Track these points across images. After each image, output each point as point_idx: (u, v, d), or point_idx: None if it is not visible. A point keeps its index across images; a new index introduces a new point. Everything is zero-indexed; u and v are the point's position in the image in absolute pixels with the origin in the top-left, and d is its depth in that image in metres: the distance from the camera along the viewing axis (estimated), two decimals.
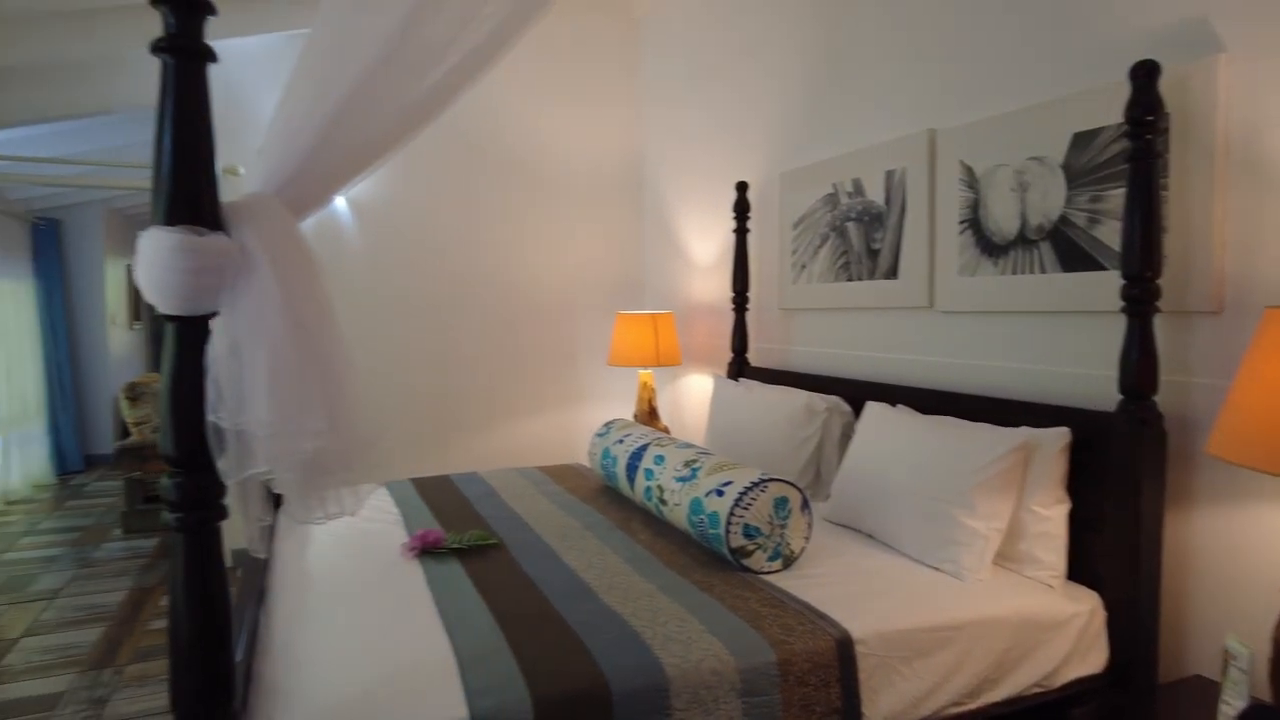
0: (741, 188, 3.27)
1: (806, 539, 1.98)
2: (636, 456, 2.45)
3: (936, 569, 1.93)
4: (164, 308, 1.07)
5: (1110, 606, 1.81)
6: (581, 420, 4.44)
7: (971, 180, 2.29)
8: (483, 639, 1.54)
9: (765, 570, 1.92)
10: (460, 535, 2.14)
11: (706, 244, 3.84)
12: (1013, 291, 2.18)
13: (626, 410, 4.21)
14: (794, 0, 3.14)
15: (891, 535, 2.10)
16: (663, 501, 2.24)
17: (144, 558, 4.33)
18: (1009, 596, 1.80)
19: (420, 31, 1.32)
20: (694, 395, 4.00)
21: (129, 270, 7.54)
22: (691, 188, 4.02)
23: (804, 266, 3.07)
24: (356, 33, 1.29)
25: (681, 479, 2.16)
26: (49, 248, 6.32)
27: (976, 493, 1.88)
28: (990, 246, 2.24)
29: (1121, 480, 1.77)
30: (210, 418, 1.07)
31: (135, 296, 7.83)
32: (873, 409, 2.40)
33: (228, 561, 3.79)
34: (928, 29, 2.48)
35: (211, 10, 1.11)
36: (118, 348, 7.15)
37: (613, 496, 2.66)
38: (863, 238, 2.74)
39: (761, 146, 3.38)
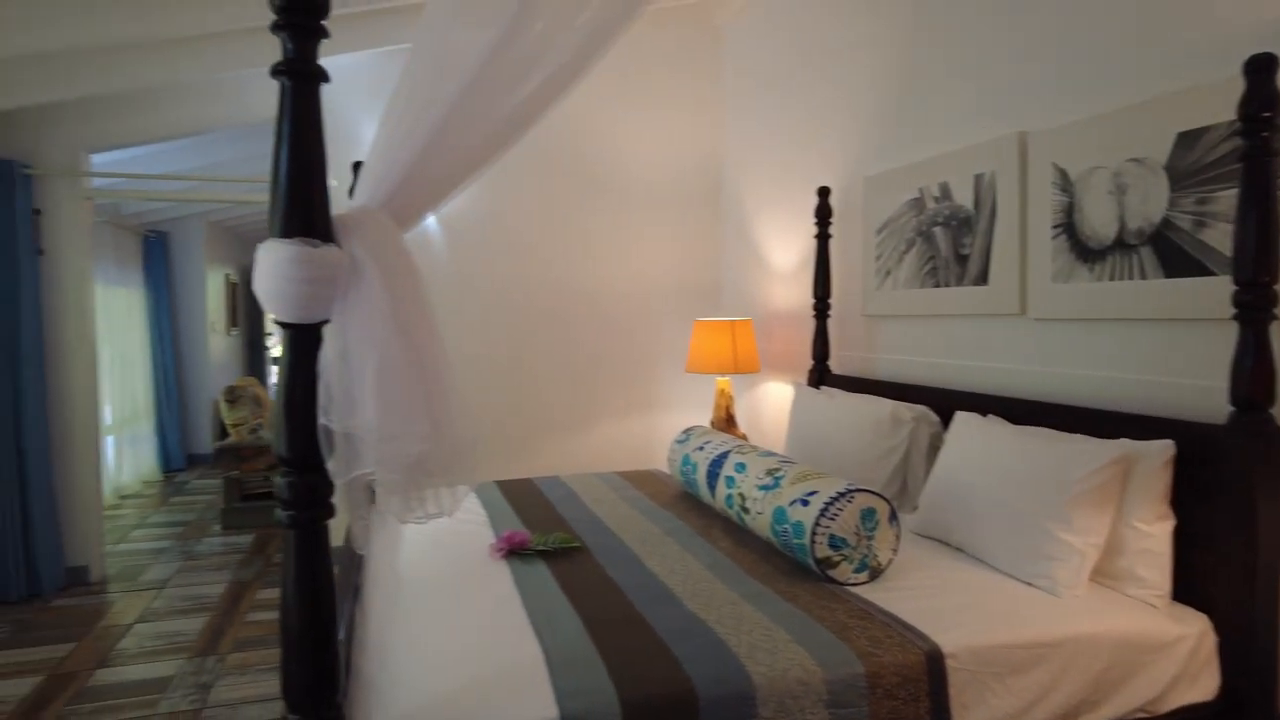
0: (823, 193, 3.24)
1: (894, 551, 1.95)
2: (717, 464, 2.46)
3: (1030, 584, 1.87)
4: (280, 315, 1.13)
5: (1222, 630, 1.72)
6: (658, 426, 4.46)
7: (1065, 183, 2.22)
8: (571, 642, 1.57)
9: (851, 581, 1.90)
10: (545, 537, 2.18)
11: (786, 250, 3.82)
12: (1110, 298, 2.09)
13: (703, 417, 4.21)
14: (877, 3, 3.10)
15: (982, 549, 2.04)
16: (744, 510, 2.23)
17: (241, 553, 4.56)
18: (1108, 614, 1.73)
19: (513, 45, 1.35)
20: (772, 403, 3.97)
21: (227, 279, 7.95)
22: (772, 193, 4.00)
23: (889, 272, 3.02)
24: (455, 48, 1.33)
25: (764, 487, 2.15)
26: (158, 258, 6.72)
27: (1072, 506, 1.81)
28: (1085, 252, 2.16)
29: (1234, 496, 1.68)
30: (322, 420, 1.12)
31: (233, 304, 8.24)
32: (962, 419, 2.34)
33: None
34: (1018, 28, 2.41)
35: (325, 34, 1.17)
36: (216, 353, 7.54)
37: (692, 503, 2.66)
38: (951, 243, 2.68)
39: (844, 151, 3.34)
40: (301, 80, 1.15)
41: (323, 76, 1.17)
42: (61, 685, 2.91)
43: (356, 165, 3.10)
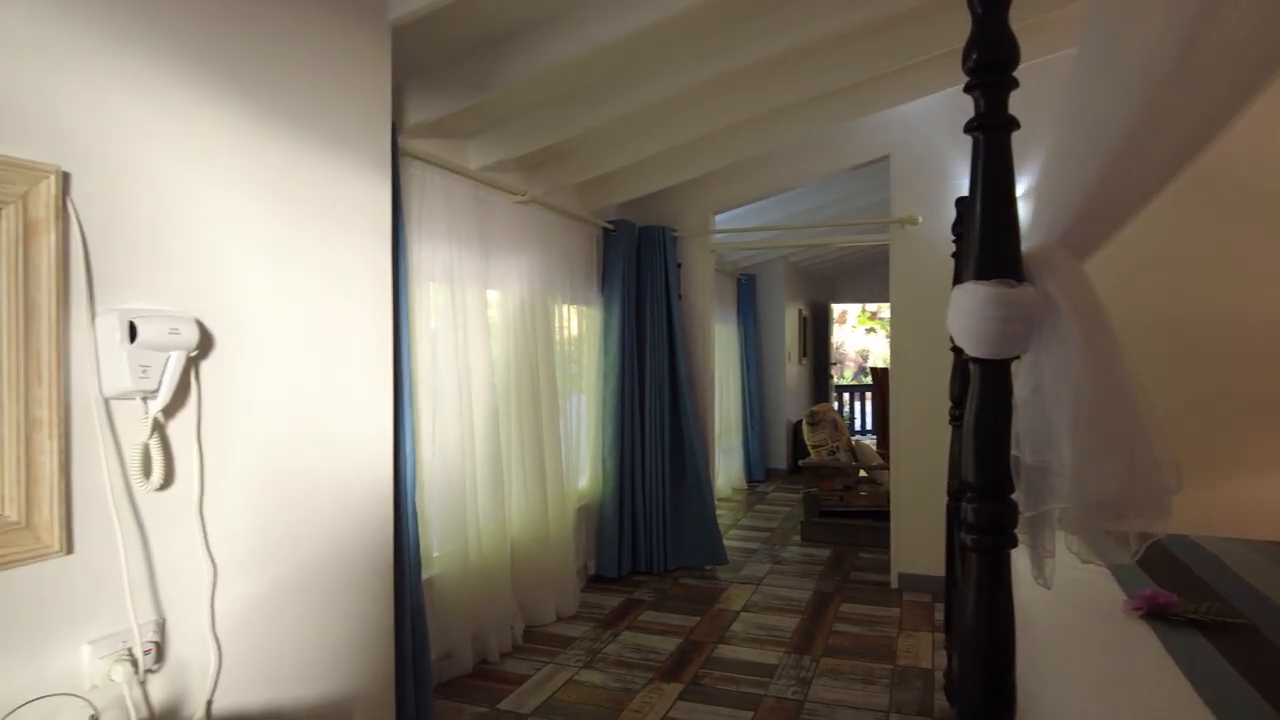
0: None
1: None
2: None
3: None
4: (975, 352, 1.21)
5: None
6: None
7: None
8: None
9: None
10: (1195, 605, 1.90)
11: None
12: None
13: None
14: None
15: None
16: None
17: (820, 565, 4.96)
18: None
19: (1216, 26, 1.18)
20: None
21: (799, 314, 8.82)
22: None
23: None
24: (1135, 45, 1.20)
25: None
26: (747, 298, 7.83)
27: None
28: None
29: None
30: (1013, 452, 1.17)
31: (803, 336, 9.11)
32: None
33: (894, 584, 4.04)
34: None
35: (1015, 84, 1.23)
36: (790, 379, 8.42)
37: None
38: None
39: None
40: (995, 132, 1.23)
41: (1015, 124, 1.23)
42: (695, 650, 3.55)
43: (959, 201, 3.16)
